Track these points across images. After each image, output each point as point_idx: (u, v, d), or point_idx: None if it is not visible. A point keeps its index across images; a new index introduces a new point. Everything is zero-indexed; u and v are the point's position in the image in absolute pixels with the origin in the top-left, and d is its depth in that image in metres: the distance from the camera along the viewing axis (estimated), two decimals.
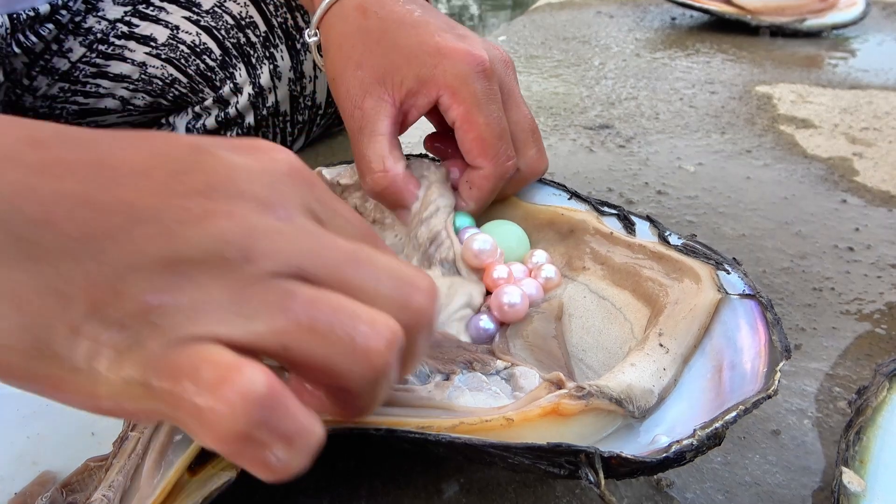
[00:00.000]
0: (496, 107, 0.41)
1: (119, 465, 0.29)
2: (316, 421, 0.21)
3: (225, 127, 0.67)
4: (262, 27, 0.65)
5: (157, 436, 0.29)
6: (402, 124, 0.43)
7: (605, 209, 0.42)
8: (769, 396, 0.28)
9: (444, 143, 0.45)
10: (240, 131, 0.67)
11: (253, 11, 0.65)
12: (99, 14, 0.64)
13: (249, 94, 0.65)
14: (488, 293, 0.39)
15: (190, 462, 0.28)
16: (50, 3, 0.61)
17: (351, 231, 0.25)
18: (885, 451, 0.30)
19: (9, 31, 0.60)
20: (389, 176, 0.41)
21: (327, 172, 0.46)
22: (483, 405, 0.30)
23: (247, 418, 0.19)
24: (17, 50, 0.62)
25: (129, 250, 0.20)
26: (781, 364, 0.30)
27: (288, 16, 0.66)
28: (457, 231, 0.41)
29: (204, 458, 0.29)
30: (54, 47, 0.63)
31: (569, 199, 0.44)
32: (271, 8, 0.65)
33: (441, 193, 0.41)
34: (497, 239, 0.41)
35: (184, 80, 0.65)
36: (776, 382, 0.29)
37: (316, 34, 0.47)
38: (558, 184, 0.45)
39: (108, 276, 0.20)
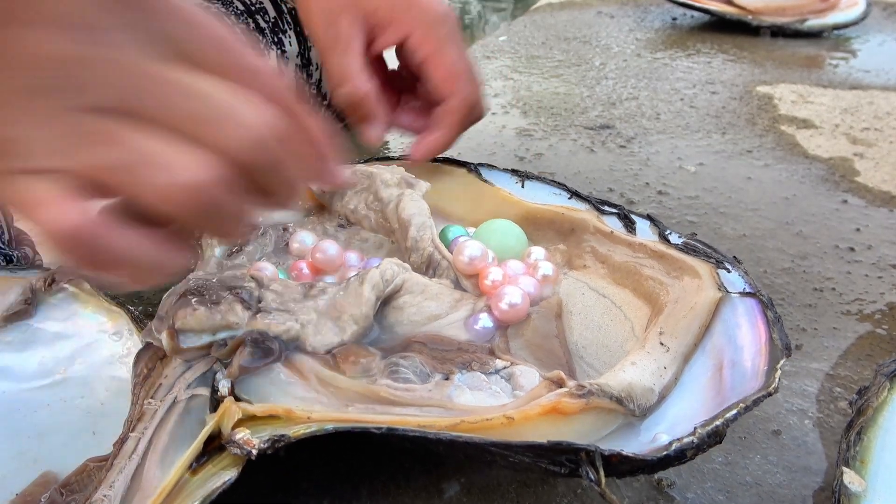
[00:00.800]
0: (461, 48, 0.46)
1: (119, 466, 0.29)
2: (145, 248, 0.24)
3: None
4: (272, 13, 0.65)
5: (159, 436, 0.30)
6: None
7: (606, 208, 0.42)
8: (770, 394, 0.28)
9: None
10: None
11: None
12: None
13: (298, 54, 0.65)
14: None
15: (191, 461, 0.28)
16: None
17: (198, 51, 0.24)
18: (886, 451, 0.30)
19: None
20: (363, 90, 0.44)
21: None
22: (483, 404, 0.30)
23: (60, 248, 0.23)
24: None
25: None
26: (782, 362, 0.30)
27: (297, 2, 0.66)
28: (448, 242, 0.41)
29: (205, 458, 0.29)
30: None
31: (569, 198, 0.44)
32: None
33: (417, 209, 0.41)
34: (496, 238, 0.41)
35: (228, 13, 0.65)
36: (777, 380, 0.29)
37: None
38: (559, 183, 0.45)
39: None
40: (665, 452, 0.26)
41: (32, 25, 0.22)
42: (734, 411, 0.27)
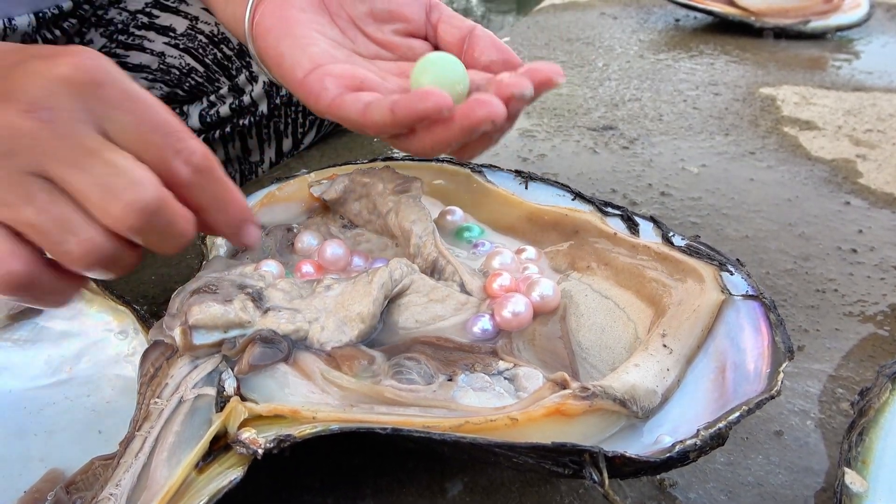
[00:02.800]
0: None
1: (126, 464, 0.29)
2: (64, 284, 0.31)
3: (238, 115, 0.67)
4: (235, 41, 0.66)
5: (165, 435, 0.30)
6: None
7: (609, 210, 0.42)
8: (772, 397, 0.28)
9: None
10: (252, 119, 0.67)
11: None
12: (121, 6, 0.65)
13: (265, 83, 0.66)
14: None
15: (198, 460, 0.28)
16: (73, 0, 0.62)
17: (133, 136, 0.30)
18: (887, 451, 0.31)
19: (34, 28, 0.60)
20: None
21: (315, 190, 0.46)
22: (487, 405, 0.30)
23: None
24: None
25: None
26: (784, 365, 0.30)
27: None
28: (469, 242, 0.42)
29: (211, 457, 0.29)
30: (76, 40, 0.64)
31: (573, 199, 0.44)
32: None
33: (417, 215, 0.42)
34: (433, 70, 0.38)
35: (201, 69, 0.66)
36: (779, 383, 0.29)
37: None
38: (562, 185, 0.45)
39: None
40: (668, 454, 0.27)
41: (9, 102, 0.29)
42: (737, 414, 0.28)
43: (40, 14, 0.60)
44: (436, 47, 0.44)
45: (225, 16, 0.48)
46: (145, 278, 0.53)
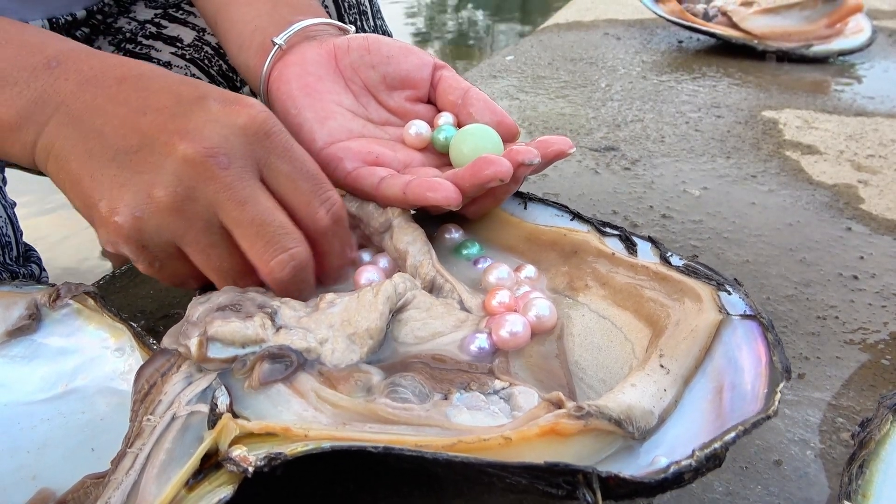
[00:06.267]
0: None
1: (116, 482, 0.29)
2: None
3: None
4: None
5: (156, 453, 0.29)
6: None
7: (607, 230, 0.42)
8: (769, 417, 0.28)
9: None
10: None
11: None
12: (130, 15, 0.66)
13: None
14: None
15: (187, 478, 0.28)
16: (86, 9, 0.63)
17: (287, 181, 0.36)
18: (887, 484, 0.30)
19: None
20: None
21: None
22: (481, 424, 0.30)
23: None
24: None
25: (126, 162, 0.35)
26: (782, 385, 0.30)
27: None
28: (469, 259, 0.43)
29: (201, 475, 0.28)
30: None
31: (571, 219, 0.44)
32: None
33: (411, 236, 0.42)
34: (471, 141, 0.43)
35: (206, 79, 0.67)
36: (776, 403, 0.29)
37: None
38: (561, 205, 0.45)
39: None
40: (663, 475, 0.26)
41: (190, 142, 0.34)
42: (733, 434, 0.27)
43: (54, 21, 0.61)
44: (436, 106, 0.48)
45: (237, 62, 0.50)
46: (143, 293, 0.53)
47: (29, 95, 0.36)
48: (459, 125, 0.47)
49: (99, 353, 0.40)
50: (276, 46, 0.46)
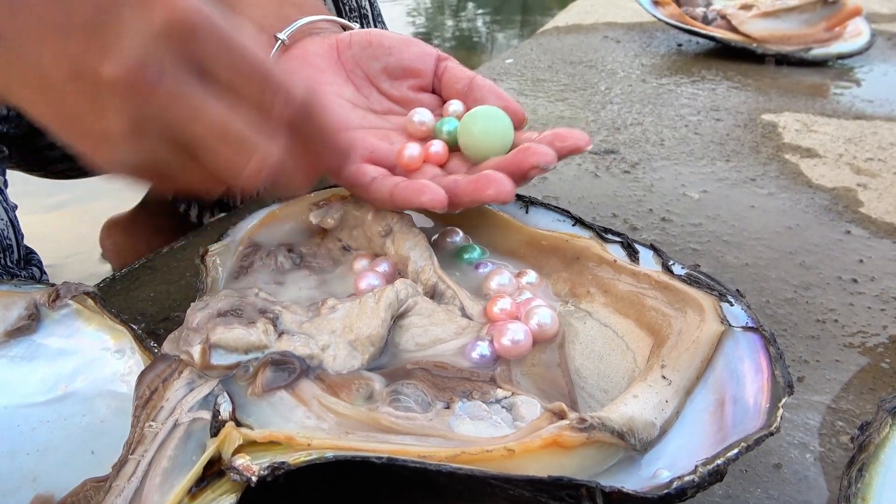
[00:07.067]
0: None
1: (118, 489, 0.29)
2: None
3: None
4: None
5: (159, 459, 0.29)
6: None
7: (609, 236, 0.42)
8: (771, 433, 0.28)
9: None
10: None
11: None
12: None
13: None
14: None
15: (190, 486, 0.28)
16: None
17: (232, 76, 0.32)
18: (887, 488, 0.30)
19: None
20: None
21: (313, 217, 0.46)
22: (484, 434, 0.30)
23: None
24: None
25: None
26: (784, 400, 0.30)
27: None
28: (470, 263, 0.43)
29: (204, 482, 0.29)
30: None
31: (573, 225, 0.44)
32: None
33: (413, 241, 0.42)
34: (481, 123, 0.43)
35: None
36: (778, 419, 0.29)
37: None
38: (562, 209, 0.45)
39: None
40: (665, 490, 0.26)
41: (109, 59, 0.30)
42: (735, 450, 0.27)
43: None
44: (441, 97, 0.47)
45: None
46: (143, 295, 0.53)
47: None
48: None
49: (99, 354, 0.40)
50: (279, 41, 0.46)
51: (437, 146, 0.45)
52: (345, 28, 0.49)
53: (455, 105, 0.47)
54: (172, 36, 0.30)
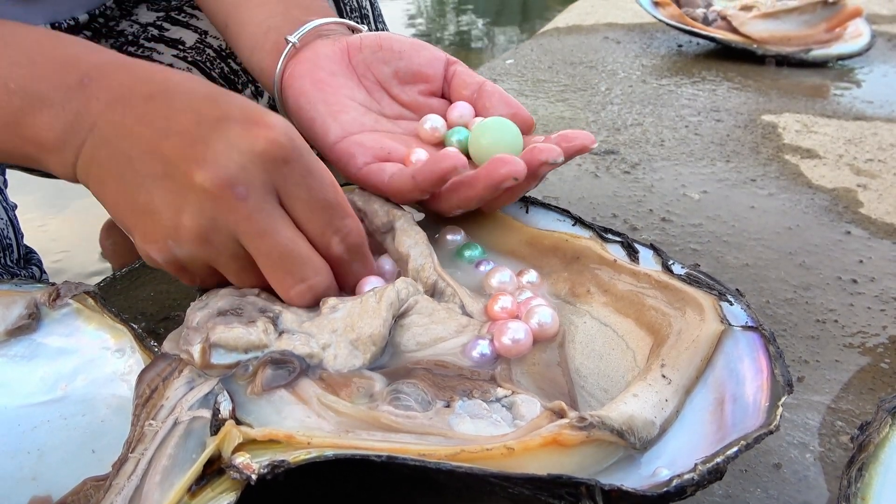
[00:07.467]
0: None
1: (118, 487, 0.29)
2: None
3: None
4: None
5: (159, 458, 0.29)
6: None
7: (609, 236, 0.42)
8: (770, 432, 0.28)
9: None
10: None
11: None
12: (132, 18, 0.66)
13: (270, 98, 0.67)
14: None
15: (190, 484, 0.28)
16: (89, 13, 0.62)
17: (304, 209, 0.35)
18: (886, 487, 0.30)
19: None
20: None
21: None
22: (484, 433, 0.30)
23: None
24: None
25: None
26: (783, 399, 0.30)
27: None
28: (471, 262, 0.43)
29: (204, 481, 0.29)
30: None
31: (573, 224, 0.44)
32: None
33: (414, 239, 0.42)
34: (489, 134, 0.43)
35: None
36: (778, 418, 0.29)
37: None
38: (562, 209, 0.45)
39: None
40: (665, 489, 0.26)
41: (206, 170, 0.33)
42: (735, 448, 0.27)
43: (56, 25, 0.61)
44: (450, 101, 0.47)
45: (250, 64, 0.50)
46: (143, 295, 0.53)
47: (65, 117, 0.36)
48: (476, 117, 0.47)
49: (99, 353, 0.40)
50: (290, 44, 0.46)
51: (449, 151, 0.45)
52: (352, 30, 0.49)
53: (461, 108, 0.47)
54: (268, 160, 0.34)
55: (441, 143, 0.46)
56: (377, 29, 0.71)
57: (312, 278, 0.36)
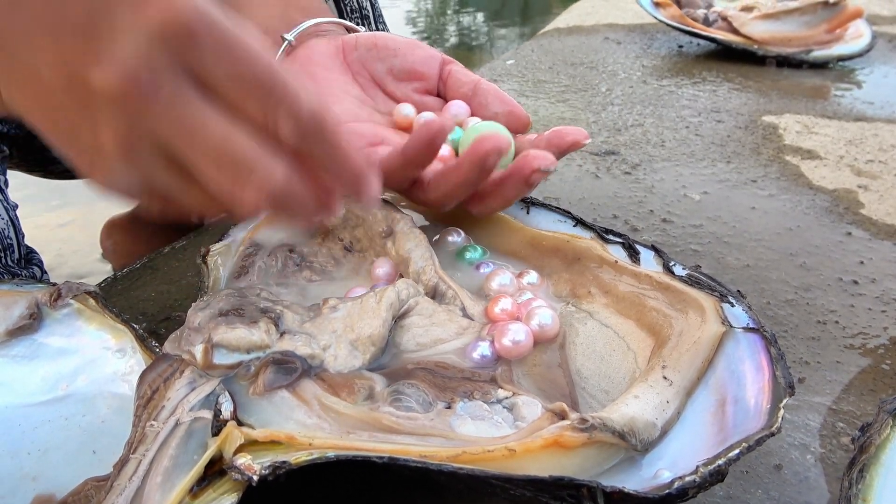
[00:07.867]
0: None
1: (119, 488, 0.29)
2: None
3: None
4: None
5: (160, 459, 0.29)
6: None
7: (610, 237, 0.42)
8: (772, 434, 0.28)
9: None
10: None
11: None
12: None
13: None
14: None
15: (192, 485, 0.28)
16: None
17: (233, 86, 0.28)
18: (887, 489, 0.30)
19: None
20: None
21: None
22: (485, 434, 0.30)
23: None
24: None
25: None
26: (785, 400, 0.30)
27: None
28: (472, 264, 0.43)
29: (205, 482, 0.29)
30: None
31: (574, 225, 0.44)
32: None
33: (414, 241, 0.42)
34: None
35: None
36: (779, 420, 0.29)
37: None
38: (563, 210, 0.45)
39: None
40: (667, 491, 0.26)
41: (100, 65, 0.27)
42: (737, 451, 0.27)
43: None
44: (445, 100, 0.47)
45: None
46: (144, 295, 0.53)
47: None
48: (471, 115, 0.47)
49: (100, 353, 0.40)
50: (286, 42, 0.46)
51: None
52: (349, 30, 0.50)
53: (456, 107, 0.47)
54: (169, 40, 0.27)
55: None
56: (377, 29, 0.71)
57: (263, 173, 0.29)
